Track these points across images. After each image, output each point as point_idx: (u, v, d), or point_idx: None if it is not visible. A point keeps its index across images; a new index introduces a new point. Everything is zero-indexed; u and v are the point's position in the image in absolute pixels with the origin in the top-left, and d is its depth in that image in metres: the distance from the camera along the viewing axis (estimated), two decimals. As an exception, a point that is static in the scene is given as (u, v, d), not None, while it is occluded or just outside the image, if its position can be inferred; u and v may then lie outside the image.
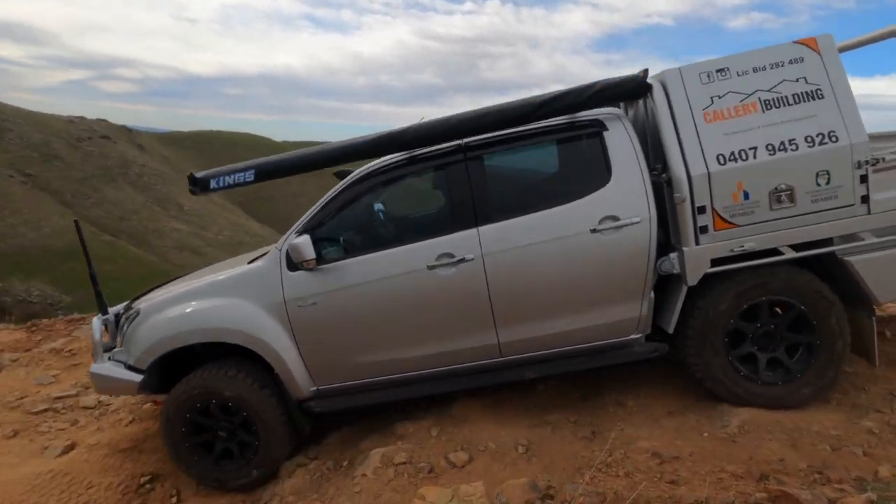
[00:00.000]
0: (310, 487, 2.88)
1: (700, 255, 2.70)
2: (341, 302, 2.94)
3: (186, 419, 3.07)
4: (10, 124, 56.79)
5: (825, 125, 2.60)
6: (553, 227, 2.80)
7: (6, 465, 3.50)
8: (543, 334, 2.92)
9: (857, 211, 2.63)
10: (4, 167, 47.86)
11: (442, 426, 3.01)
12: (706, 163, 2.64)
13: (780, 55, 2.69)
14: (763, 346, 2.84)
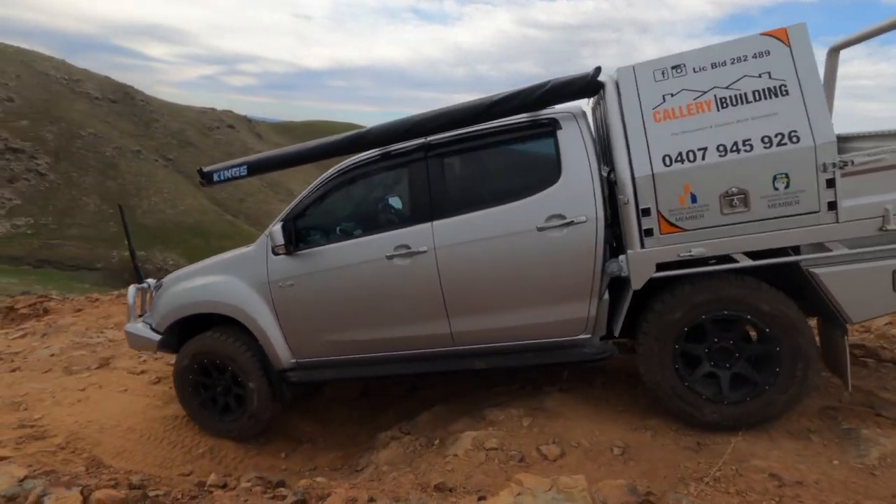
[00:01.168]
0: (403, 460, 3.01)
1: (645, 259, 2.56)
2: (313, 285, 3.19)
3: (190, 379, 3.58)
4: (156, 115, 65.32)
5: (786, 124, 2.33)
6: (501, 224, 2.83)
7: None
8: (493, 327, 2.97)
9: (823, 219, 2.33)
10: (152, 152, 55.18)
11: (534, 417, 2.98)
12: (651, 164, 2.49)
13: (743, 49, 2.44)
14: (719, 363, 2.65)
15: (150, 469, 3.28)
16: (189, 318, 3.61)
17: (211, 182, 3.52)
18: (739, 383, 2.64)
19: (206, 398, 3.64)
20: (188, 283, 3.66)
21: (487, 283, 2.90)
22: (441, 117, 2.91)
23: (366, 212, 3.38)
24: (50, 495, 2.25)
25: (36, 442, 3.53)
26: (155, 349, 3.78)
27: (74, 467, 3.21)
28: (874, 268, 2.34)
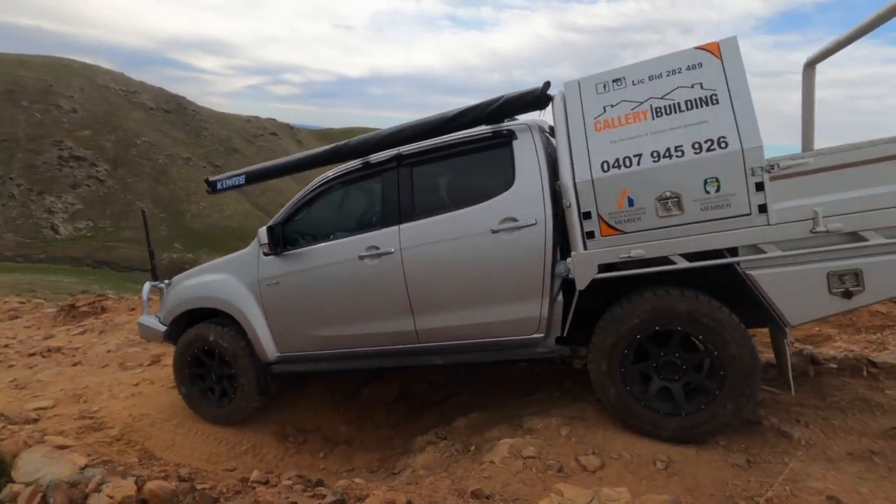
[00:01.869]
0: (439, 465, 3.01)
1: (587, 260, 2.67)
2: (295, 283, 3.45)
3: (189, 372, 3.87)
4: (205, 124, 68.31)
5: (716, 131, 2.42)
6: (460, 226, 3.00)
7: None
8: (453, 325, 3.10)
9: (755, 221, 2.39)
10: (201, 159, 57.66)
11: (572, 427, 2.92)
12: (591, 170, 2.61)
13: (678, 62, 2.58)
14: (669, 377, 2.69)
15: (197, 463, 3.41)
16: (193, 312, 3.92)
17: (215, 190, 3.89)
18: (692, 393, 2.68)
19: (203, 385, 3.91)
20: (191, 281, 4.01)
21: (447, 282, 3.06)
22: (408, 130, 3.17)
23: (345, 217, 3.61)
24: (108, 484, 2.38)
25: (94, 433, 3.74)
26: (161, 340, 4.12)
27: (128, 458, 3.38)
28: (809, 270, 2.36)
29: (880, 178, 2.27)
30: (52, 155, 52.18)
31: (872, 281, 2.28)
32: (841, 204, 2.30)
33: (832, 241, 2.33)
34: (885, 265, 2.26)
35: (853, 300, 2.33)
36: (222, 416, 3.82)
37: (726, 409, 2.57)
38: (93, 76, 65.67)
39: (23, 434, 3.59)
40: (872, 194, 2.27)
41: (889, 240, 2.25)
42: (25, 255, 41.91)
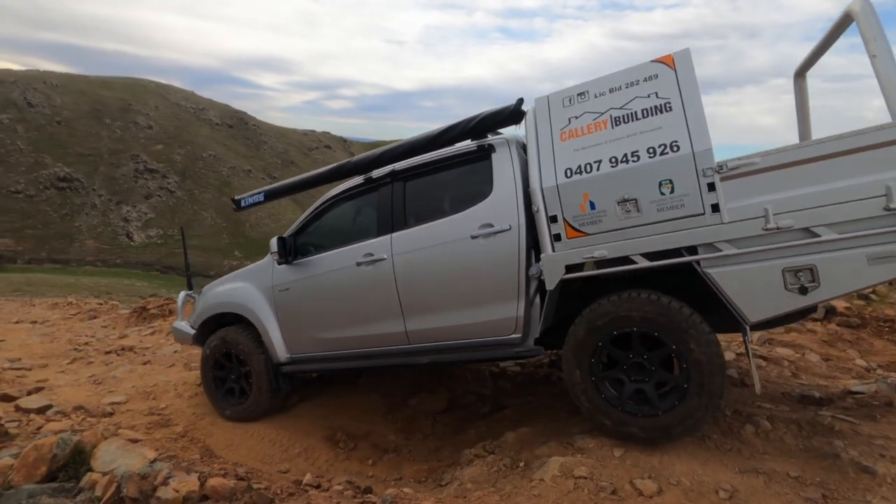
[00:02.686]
0: (487, 479, 2.97)
1: (555, 261, 2.79)
2: (302, 288, 3.75)
3: (212, 373, 4.17)
4: (265, 138, 71.87)
5: (669, 136, 2.54)
6: (443, 233, 3.21)
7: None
8: (439, 326, 3.27)
9: (709, 220, 2.48)
10: (260, 171, 60.58)
11: (627, 448, 2.80)
12: (556, 176, 2.76)
13: (636, 74, 2.72)
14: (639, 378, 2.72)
15: (253, 463, 3.55)
16: (222, 317, 4.25)
17: (240, 207, 4.29)
18: (664, 394, 2.70)
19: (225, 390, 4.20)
20: (218, 289, 4.39)
21: (432, 285, 3.26)
22: (402, 147, 3.44)
23: (348, 228, 3.87)
24: (174, 478, 2.52)
25: (162, 429, 3.98)
26: (191, 343, 4.50)
27: (191, 454, 3.57)
28: (764, 267, 2.40)
29: (827, 174, 2.29)
30: (129, 168, 56.63)
31: (827, 276, 2.30)
32: (791, 201, 2.34)
33: (786, 238, 2.36)
34: (839, 260, 2.28)
35: (809, 296, 2.35)
36: (239, 413, 4.07)
37: (696, 408, 2.59)
38: (166, 94, 70.90)
39: (100, 427, 3.87)
40: (821, 191, 2.29)
41: (841, 235, 2.27)
42: (103, 260, 45.50)
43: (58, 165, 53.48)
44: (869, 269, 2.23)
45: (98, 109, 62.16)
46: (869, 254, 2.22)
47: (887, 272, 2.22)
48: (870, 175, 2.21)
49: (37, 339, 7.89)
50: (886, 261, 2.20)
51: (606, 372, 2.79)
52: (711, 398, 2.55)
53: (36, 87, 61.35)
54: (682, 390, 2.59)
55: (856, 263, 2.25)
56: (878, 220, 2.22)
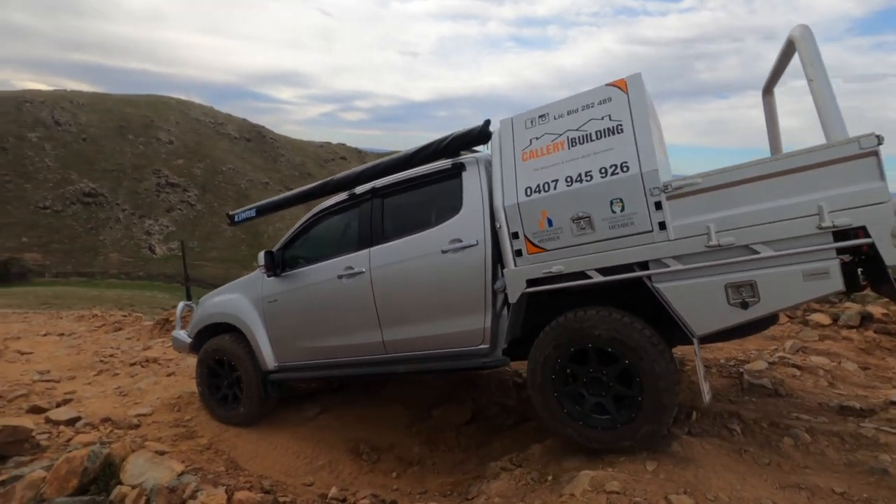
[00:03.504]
0: (514, 493, 2.91)
1: (517, 276, 2.92)
2: (289, 300, 3.92)
3: (207, 379, 4.37)
4: (282, 150, 73.00)
5: (620, 157, 2.64)
6: (417, 248, 3.34)
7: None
8: (413, 337, 3.40)
9: (657, 237, 2.57)
10: (277, 183, 61.45)
11: (659, 462, 2.72)
12: (517, 195, 2.88)
13: (592, 98, 2.83)
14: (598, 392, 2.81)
15: (278, 475, 3.54)
16: (217, 326, 4.44)
17: (234, 222, 4.58)
18: (621, 407, 2.76)
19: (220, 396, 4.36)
20: (213, 300, 4.59)
21: (406, 297, 3.40)
22: (381, 165, 3.61)
23: (332, 242, 3.98)
24: (202, 491, 2.52)
25: (187, 440, 4.00)
26: (188, 351, 4.72)
27: (217, 466, 3.57)
28: (708, 282, 2.49)
29: (764, 194, 2.38)
30: (151, 182, 58.04)
31: (766, 292, 2.38)
32: (731, 219, 2.42)
33: (727, 255, 2.45)
34: (777, 276, 2.36)
35: (749, 311, 2.43)
36: (232, 419, 4.23)
37: (652, 421, 2.65)
38: (187, 110, 72.67)
39: (127, 439, 3.91)
40: (759, 210, 2.38)
41: (778, 252, 2.35)
42: (127, 273, 46.50)
43: (83, 181, 55.07)
44: (804, 285, 2.32)
45: (122, 126, 64.00)
46: (804, 270, 2.31)
47: (821, 288, 2.30)
48: (803, 195, 2.30)
49: (64, 351, 8.05)
50: (820, 277, 2.28)
51: (568, 386, 2.87)
52: (665, 411, 2.64)
53: (63, 107, 63.46)
54: (638, 404, 2.66)
55: (792, 279, 2.34)
56: (811, 238, 2.30)
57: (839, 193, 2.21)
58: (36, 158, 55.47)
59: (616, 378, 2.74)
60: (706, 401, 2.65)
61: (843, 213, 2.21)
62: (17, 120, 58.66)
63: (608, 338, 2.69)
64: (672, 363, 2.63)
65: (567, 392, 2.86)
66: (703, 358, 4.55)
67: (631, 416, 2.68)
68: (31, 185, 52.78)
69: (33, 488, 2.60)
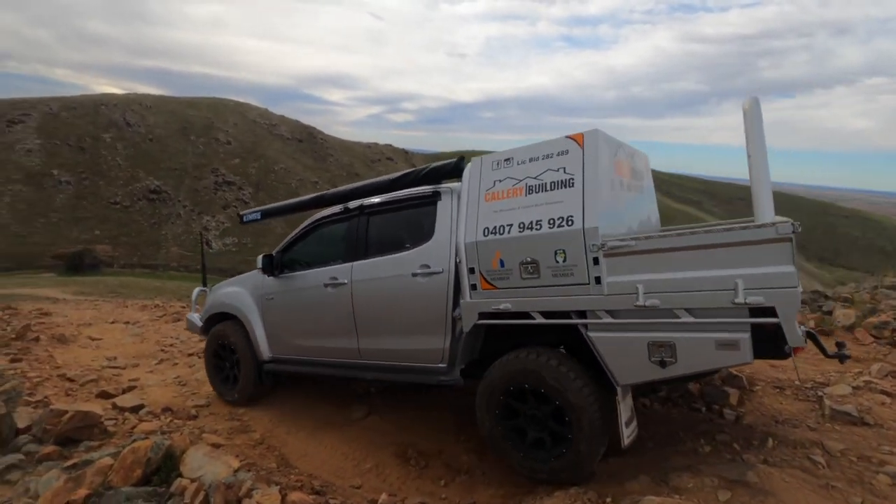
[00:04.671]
0: (570, 513, 2.77)
1: (470, 308, 3.11)
2: (283, 299, 4.32)
3: (213, 360, 4.87)
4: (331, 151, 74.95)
5: (567, 210, 2.75)
6: (392, 268, 3.58)
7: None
8: (383, 348, 3.69)
9: (592, 290, 2.70)
10: (326, 183, 63.07)
11: (733, 492, 2.51)
12: (476, 233, 3.05)
13: (552, 148, 2.92)
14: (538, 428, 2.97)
15: (327, 476, 3.54)
16: (222, 313, 4.90)
17: (243, 222, 5.01)
18: (555, 442, 2.91)
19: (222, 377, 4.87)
20: (221, 290, 5.05)
21: (379, 311, 3.65)
22: (368, 186, 3.87)
23: (324, 251, 4.24)
24: (257, 490, 2.54)
25: (241, 434, 4.09)
26: (200, 333, 5.23)
27: (268, 462, 3.62)
28: (634, 338, 2.63)
29: (689, 264, 2.46)
30: (209, 181, 61.04)
31: (683, 354, 2.50)
32: (658, 283, 2.52)
33: (653, 315, 2.56)
34: (693, 342, 2.47)
35: (667, 370, 2.55)
36: (232, 397, 4.73)
37: (581, 456, 2.80)
38: (244, 112, 76.00)
39: (186, 430, 4.04)
40: (683, 277, 2.47)
41: (696, 319, 2.46)
42: (185, 266, 49.15)
43: (149, 179, 58.69)
44: (716, 353, 2.42)
45: (185, 127, 67.74)
46: (717, 339, 2.41)
47: (731, 358, 2.41)
48: (722, 270, 2.37)
49: (129, 339, 8.52)
50: (731, 348, 2.37)
51: (509, 420, 3.05)
52: (592, 446, 2.78)
53: (133, 109, 67.91)
54: (568, 440, 2.81)
55: (706, 346, 2.44)
56: (726, 311, 2.38)
57: (754, 273, 2.29)
58: (109, 157, 59.62)
59: (550, 416, 2.90)
60: (624, 445, 2.76)
61: (756, 291, 2.29)
62: (94, 122, 63.29)
63: (540, 380, 2.86)
64: (598, 404, 2.77)
65: (509, 426, 3.05)
66: (777, 378, 4.22)
67: (563, 451, 2.84)
68: (104, 182, 56.78)
69: (101, 475, 2.71)
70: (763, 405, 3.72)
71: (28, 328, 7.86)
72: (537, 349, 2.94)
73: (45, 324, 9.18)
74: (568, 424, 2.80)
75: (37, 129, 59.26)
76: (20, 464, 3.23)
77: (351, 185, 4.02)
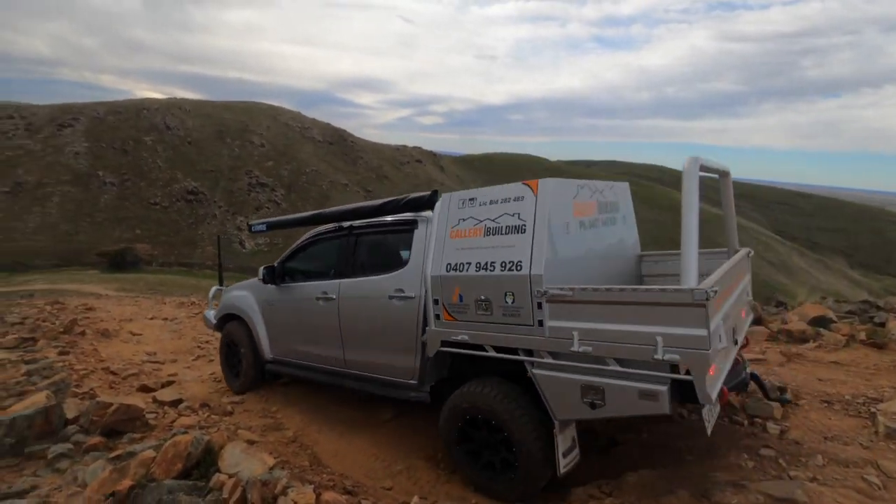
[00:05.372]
0: (605, 525, 2.71)
1: (434, 335, 3.32)
2: (282, 307, 4.71)
3: (224, 353, 5.40)
4: (361, 153, 75.95)
5: (517, 255, 2.92)
6: (373, 289, 3.84)
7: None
8: (364, 360, 3.99)
9: (535, 332, 2.87)
10: (356, 185, 63.95)
11: (781, 511, 2.40)
12: (442, 268, 3.24)
13: (510, 192, 3.07)
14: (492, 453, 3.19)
15: (358, 476, 3.57)
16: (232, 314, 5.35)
17: (252, 232, 5.39)
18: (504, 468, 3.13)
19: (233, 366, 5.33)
20: (233, 292, 5.47)
21: (361, 327, 3.94)
22: (357, 210, 4.11)
23: (317, 265, 4.56)
24: (293, 488, 2.57)
25: (274, 432, 4.17)
26: (214, 329, 5.68)
27: (301, 461, 3.67)
28: (569, 379, 2.79)
29: (618, 317, 2.58)
30: (243, 182, 62.74)
31: (610, 399, 2.65)
32: (592, 331, 2.66)
33: (586, 360, 2.73)
34: (619, 388, 2.62)
35: (596, 411, 2.71)
36: (238, 387, 5.18)
37: (525, 481, 3.03)
38: (277, 116, 77.88)
39: (222, 425, 4.13)
40: (612, 329, 2.59)
41: (623, 369, 2.60)
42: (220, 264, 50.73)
43: (187, 180, 60.78)
44: (639, 402, 2.55)
45: (221, 131, 69.88)
46: (640, 389, 2.54)
47: (652, 407, 2.52)
48: (646, 326, 2.49)
49: (168, 335, 8.81)
50: (651, 398, 2.50)
51: (466, 444, 3.30)
52: (535, 472, 2.99)
53: (173, 113, 70.49)
54: (515, 466, 3.04)
55: (631, 395, 2.57)
56: (648, 364, 2.50)
57: (673, 332, 2.40)
58: (150, 160, 62.06)
59: (500, 443, 3.10)
60: (560, 473, 2.92)
61: (674, 350, 2.39)
62: (136, 125, 66.01)
63: (490, 411, 3.08)
64: (540, 436, 2.95)
65: (466, 448, 3.31)
66: (824, 392, 4.02)
67: (511, 475, 3.07)
68: (145, 184, 59.11)
69: (144, 467, 2.80)
70: (810, 420, 3.55)
71: (75, 322, 8.23)
72: (491, 383, 3.16)
73: (90, 318, 9.59)
74: (514, 453, 3.02)
75: (84, 132, 62.21)
76: (69, 453, 3.37)
77: (344, 206, 4.36)
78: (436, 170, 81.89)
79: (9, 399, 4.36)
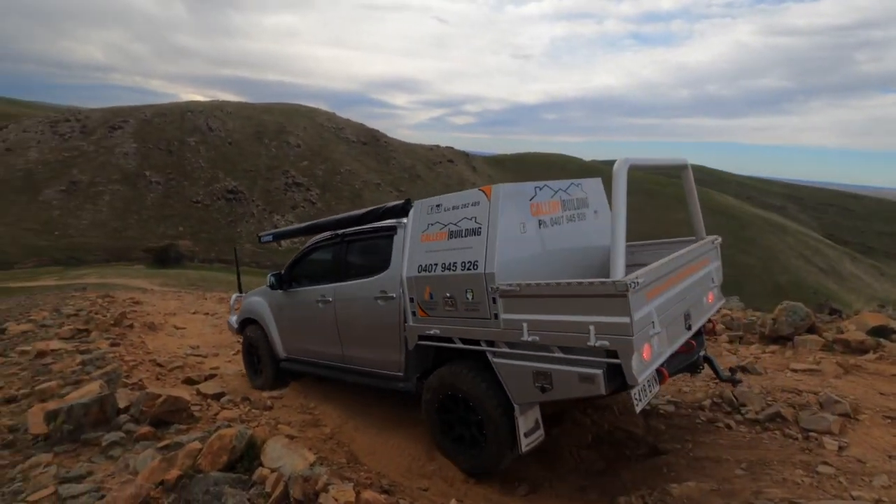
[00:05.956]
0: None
1: (412, 331, 3.67)
2: (290, 311, 5.12)
3: (247, 353, 5.75)
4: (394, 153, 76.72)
5: (474, 256, 3.24)
6: (361, 291, 4.18)
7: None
8: (359, 356, 4.34)
9: (492, 324, 3.18)
10: (388, 185, 64.66)
11: (842, 533, 2.26)
12: (414, 269, 3.59)
13: (468, 198, 3.40)
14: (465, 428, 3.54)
15: (394, 475, 3.58)
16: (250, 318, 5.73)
17: (260, 242, 5.81)
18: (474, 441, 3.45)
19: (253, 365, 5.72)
20: (250, 298, 5.84)
21: (354, 326, 4.31)
22: (349, 218, 4.42)
23: (318, 270, 4.92)
24: (333, 485, 2.60)
25: (312, 428, 4.23)
26: (236, 333, 6.08)
27: (339, 458, 3.72)
28: (523, 366, 3.08)
29: (558, 308, 2.84)
30: (280, 182, 64.42)
31: (557, 383, 2.94)
32: (538, 322, 2.93)
33: (535, 349, 3.00)
34: (564, 373, 2.90)
35: (546, 394, 3.00)
36: (259, 384, 5.48)
37: (490, 454, 3.36)
38: (313, 117, 79.59)
39: (263, 419, 4.22)
40: (555, 319, 2.86)
41: (566, 355, 2.88)
42: (257, 262, 52.17)
43: (227, 180, 62.88)
44: (579, 385, 2.84)
45: (259, 132, 71.96)
46: (579, 373, 2.83)
47: (590, 389, 2.80)
48: (581, 316, 2.74)
49: (209, 329, 9.12)
50: (589, 381, 2.78)
51: (445, 415, 3.60)
52: (499, 448, 3.29)
53: (215, 115, 73.08)
54: (482, 440, 3.37)
55: (573, 378, 2.86)
56: (586, 351, 2.76)
57: (603, 321, 2.65)
58: (193, 160, 64.53)
59: (472, 421, 3.41)
60: (521, 451, 3.20)
61: (604, 336, 2.65)
62: (180, 127, 68.80)
63: (462, 390, 3.40)
64: (505, 416, 3.22)
65: (445, 420, 3.62)
66: (887, 407, 3.78)
67: (476, 452, 3.43)
68: (188, 183, 61.52)
69: (191, 458, 2.89)
70: (872, 436, 3.34)
71: (124, 315, 8.62)
72: (466, 366, 3.45)
73: (137, 312, 10.03)
74: (483, 432, 3.35)
75: (133, 134, 65.27)
76: (121, 441, 3.52)
77: (335, 216, 4.78)
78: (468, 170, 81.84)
79: (66, 387, 4.60)
